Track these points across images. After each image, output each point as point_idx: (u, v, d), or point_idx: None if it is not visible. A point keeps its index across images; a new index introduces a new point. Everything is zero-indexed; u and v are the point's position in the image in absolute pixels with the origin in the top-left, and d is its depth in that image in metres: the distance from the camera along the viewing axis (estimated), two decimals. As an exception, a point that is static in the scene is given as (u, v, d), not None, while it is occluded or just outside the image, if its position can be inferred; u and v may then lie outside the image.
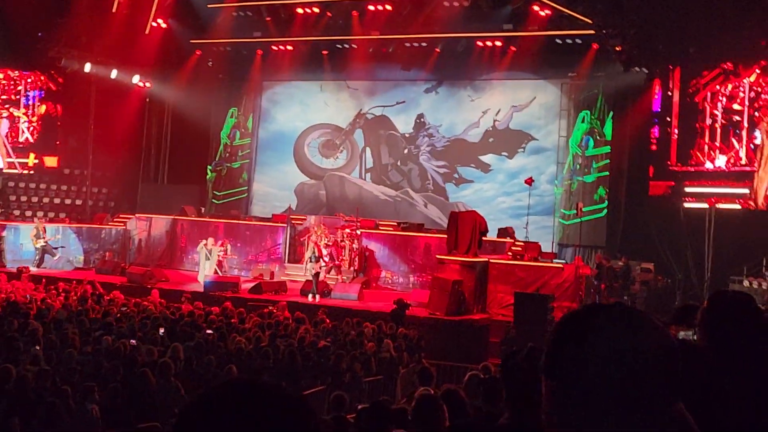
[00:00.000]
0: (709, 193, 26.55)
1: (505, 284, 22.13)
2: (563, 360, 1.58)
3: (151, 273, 24.76)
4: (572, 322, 1.64)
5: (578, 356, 1.56)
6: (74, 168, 33.78)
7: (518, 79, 30.63)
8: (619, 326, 1.58)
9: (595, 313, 1.63)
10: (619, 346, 1.55)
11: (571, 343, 1.59)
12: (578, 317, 1.64)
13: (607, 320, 1.59)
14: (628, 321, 1.59)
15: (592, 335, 1.57)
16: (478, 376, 8.88)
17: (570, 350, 1.58)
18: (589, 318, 1.61)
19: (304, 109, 35.07)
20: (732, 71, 26.64)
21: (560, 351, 1.60)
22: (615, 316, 1.60)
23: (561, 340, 1.63)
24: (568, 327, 1.64)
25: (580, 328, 1.60)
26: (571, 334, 1.61)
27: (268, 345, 14.92)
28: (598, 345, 1.55)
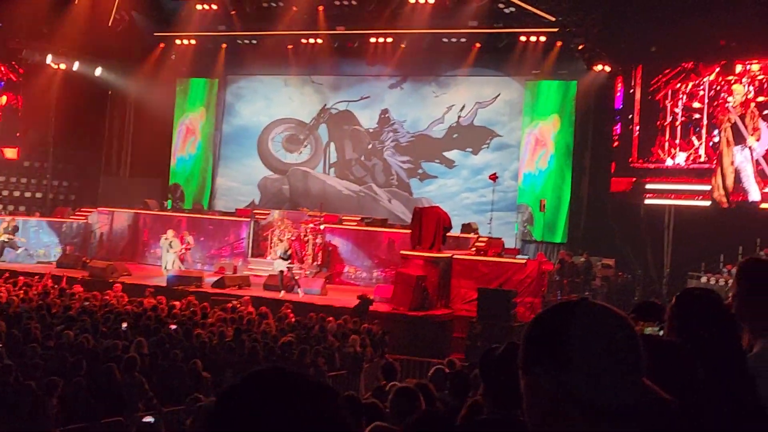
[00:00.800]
0: (669, 189, 26.92)
1: (468, 279, 22.25)
2: (554, 345, 1.67)
3: (113, 267, 24.57)
4: (554, 313, 1.74)
5: (568, 340, 1.66)
6: (35, 160, 33.39)
7: (483, 75, 30.75)
8: (597, 313, 1.69)
9: (568, 310, 1.72)
10: (601, 330, 1.66)
11: (559, 329, 1.68)
12: (558, 309, 1.74)
13: (584, 310, 1.70)
14: (600, 310, 1.71)
15: (576, 322, 1.67)
16: (444, 370, 8.97)
17: (559, 336, 1.67)
18: (568, 309, 1.71)
19: (268, 103, 34.97)
20: (692, 70, 27.01)
21: (549, 338, 1.69)
22: (588, 306, 1.71)
23: (537, 336, 1.72)
24: (544, 323, 1.73)
25: (564, 317, 1.69)
26: (556, 322, 1.70)
27: (233, 340, 14.91)
28: (584, 329, 1.66)
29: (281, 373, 1.57)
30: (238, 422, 1.50)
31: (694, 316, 2.81)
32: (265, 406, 1.49)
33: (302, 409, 1.50)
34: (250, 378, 1.55)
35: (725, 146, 25.98)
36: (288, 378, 1.55)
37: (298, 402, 1.51)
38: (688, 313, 2.85)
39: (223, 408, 1.52)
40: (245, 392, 1.53)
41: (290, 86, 34.56)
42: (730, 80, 26.33)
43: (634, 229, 27.09)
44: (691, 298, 2.96)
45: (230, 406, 1.52)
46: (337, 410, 1.55)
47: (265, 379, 1.55)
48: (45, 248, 29.03)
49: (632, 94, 27.97)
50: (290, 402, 1.50)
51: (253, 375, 1.56)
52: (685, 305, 2.90)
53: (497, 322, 19.16)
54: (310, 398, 1.53)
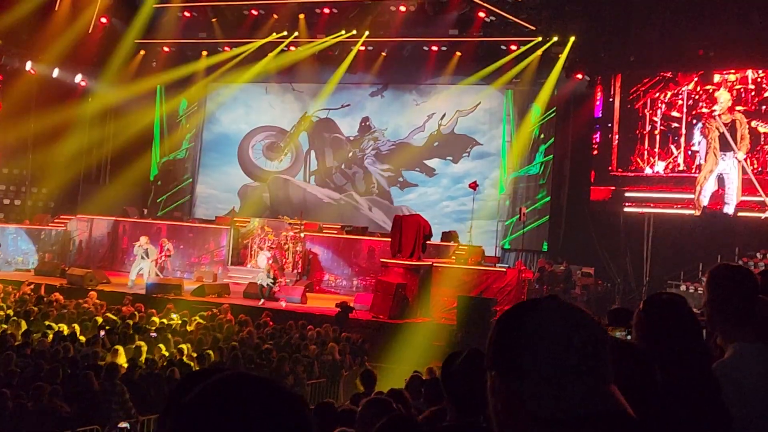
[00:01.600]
0: (648, 198, 27.06)
1: (448, 288, 22.24)
2: (507, 350, 1.65)
3: (91, 275, 24.42)
4: (513, 314, 1.72)
5: (519, 345, 1.63)
6: (13, 167, 33.16)
7: (463, 84, 30.81)
8: (557, 315, 1.66)
9: (533, 305, 1.70)
10: (558, 333, 1.63)
11: (514, 333, 1.66)
12: (519, 310, 1.72)
13: (545, 310, 1.67)
14: (562, 311, 1.67)
15: (532, 324, 1.64)
16: (420, 378, 8.96)
17: (513, 340, 1.65)
18: (528, 310, 1.69)
19: (249, 111, 34.93)
20: (671, 79, 27.21)
21: (504, 342, 1.67)
22: (552, 306, 1.68)
23: (504, 332, 1.70)
24: (510, 319, 1.71)
25: (521, 319, 1.67)
26: (513, 325, 1.68)
27: (211, 347, 14.85)
28: (540, 333, 1.63)
29: (245, 379, 1.52)
30: (200, 428, 1.47)
31: (661, 321, 2.82)
32: (229, 411, 1.45)
33: (265, 415, 1.46)
34: (213, 383, 1.52)
35: (713, 155, 26.10)
36: (251, 383, 1.52)
37: (261, 408, 1.47)
38: (654, 317, 2.86)
39: (185, 414, 1.49)
40: (208, 398, 1.50)
41: (271, 94, 34.54)
42: (708, 89, 26.52)
43: (613, 237, 27.21)
44: (658, 303, 2.97)
45: (192, 412, 1.48)
46: (302, 417, 1.52)
47: (228, 384, 1.51)
48: (23, 256, 28.85)
49: (611, 102, 28.12)
50: (253, 408, 1.46)
51: (217, 380, 1.53)
52: (652, 310, 2.91)
53: (477, 330, 19.17)
54: (274, 404, 1.48)
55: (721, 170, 26.03)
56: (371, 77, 32.20)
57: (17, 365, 12.21)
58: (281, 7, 30.15)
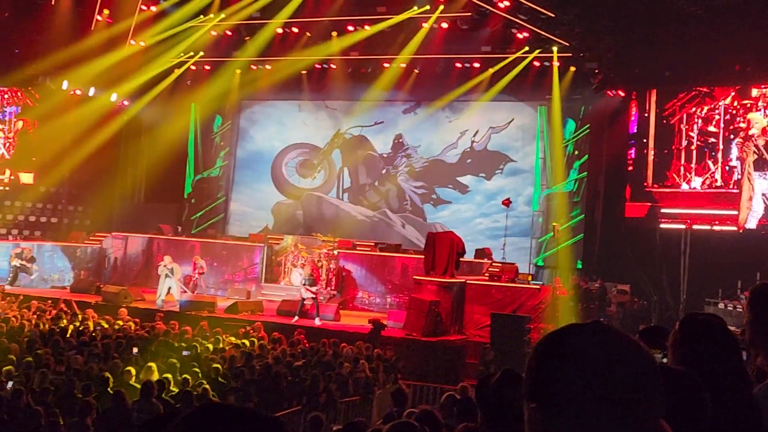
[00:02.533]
0: (684, 214, 26.74)
1: (481, 305, 22.10)
2: (545, 381, 1.55)
3: (126, 292, 24.53)
4: (552, 342, 1.61)
5: (559, 376, 1.54)
6: (50, 185, 33.52)
7: (496, 100, 30.67)
8: (599, 344, 1.55)
9: (574, 332, 1.60)
10: (600, 364, 1.53)
11: (552, 363, 1.56)
12: (558, 337, 1.62)
13: (586, 339, 1.57)
14: (607, 339, 1.56)
15: (572, 354, 1.55)
16: (454, 397, 8.86)
17: (551, 370, 1.55)
18: (568, 337, 1.59)
19: (282, 128, 35.06)
20: (707, 94, 26.94)
21: (541, 372, 1.58)
22: (594, 334, 1.58)
23: (541, 361, 1.60)
24: (548, 347, 1.61)
25: (561, 347, 1.57)
26: (551, 354, 1.58)
27: (244, 365, 14.84)
28: (579, 364, 1.53)
29: (220, 409, 1.50)
30: None
31: (698, 343, 2.72)
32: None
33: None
34: (194, 414, 1.48)
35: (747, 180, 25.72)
36: (232, 413, 1.48)
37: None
38: (691, 339, 2.75)
39: None
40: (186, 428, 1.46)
41: (304, 111, 34.65)
42: (745, 104, 26.21)
43: (649, 254, 26.88)
44: (695, 324, 2.86)
45: None
46: None
47: (209, 414, 1.48)
48: (59, 273, 29.12)
49: (647, 118, 27.88)
50: None
51: (198, 411, 1.49)
52: (689, 331, 2.81)
53: (511, 348, 19.02)
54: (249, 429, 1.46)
55: (764, 189, 25.61)
56: (404, 94, 32.18)
57: (52, 383, 12.27)
58: (314, 25, 30.25)
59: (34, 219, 33.25)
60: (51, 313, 20.78)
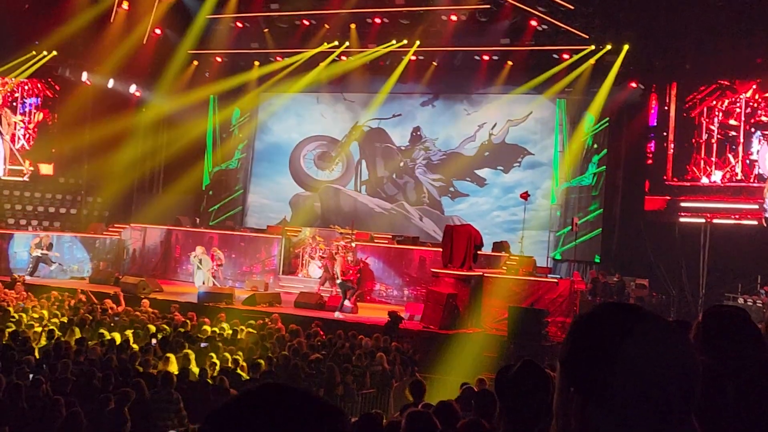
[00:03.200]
0: (705, 208, 26.58)
1: (499, 298, 22.05)
2: (591, 370, 1.52)
3: (144, 283, 24.65)
4: (606, 329, 1.56)
5: (609, 371, 1.50)
6: (69, 177, 33.69)
7: (514, 93, 30.57)
8: (658, 345, 1.52)
9: (632, 323, 1.55)
10: (655, 370, 1.49)
11: (603, 353, 1.52)
12: (613, 325, 1.56)
13: (645, 337, 1.53)
14: (666, 340, 1.53)
15: (627, 350, 1.51)
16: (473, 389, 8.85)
17: (600, 361, 1.52)
18: (626, 330, 1.54)
19: (300, 120, 35.07)
20: (728, 87, 26.74)
21: (588, 359, 1.54)
22: (654, 331, 1.54)
23: (591, 347, 1.55)
24: (601, 333, 1.56)
25: (615, 338, 1.53)
26: (603, 343, 1.53)
27: (261, 357, 14.87)
28: (633, 363, 1.49)
29: (280, 389, 1.50)
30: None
31: (722, 334, 2.69)
32: (260, 421, 1.42)
33: (298, 424, 1.43)
34: (245, 395, 1.48)
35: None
36: (284, 393, 1.47)
37: (294, 417, 1.43)
38: (715, 330, 2.73)
39: (217, 421, 1.45)
40: (240, 409, 1.45)
41: (322, 103, 34.65)
42: (767, 97, 26.02)
43: (668, 248, 26.73)
44: (719, 315, 2.84)
45: (224, 421, 1.44)
46: (336, 427, 1.46)
47: (261, 395, 1.48)
48: (78, 264, 29.28)
49: (667, 111, 27.72)
50: (286, 417, 1.43)
51: (248, 392, 1.49)
52: (713, 322, 2.78)
53: (529, 341, 18.99)
54: (307, 414, 1.45)
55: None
56: (422, 87, 32.13)
57: (72, 373, 12.33)
58: (332, 17, 30.21)
59: (53, 210, 33.42)
60: (70, 303, 20.90)
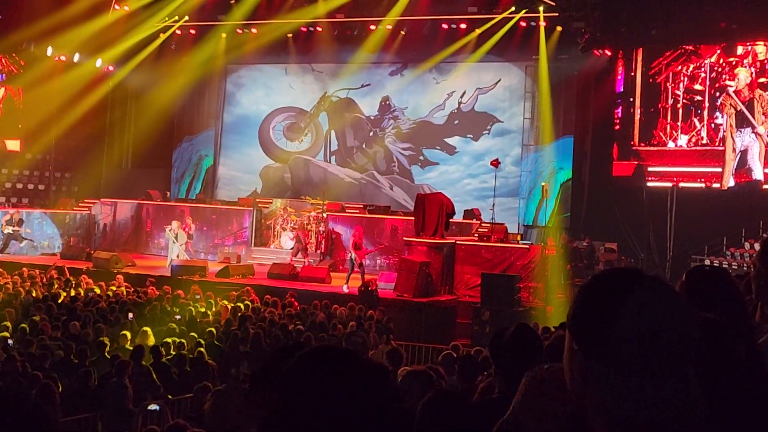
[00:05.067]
0: (671, 172, 26.92)
1: (471, 265, 22.28)
2: (593, 328, 1.59)
3: (117, 258, 24.58)
4: (609, 288, 1.63)
5: (609, 329, 1.57)
6: (37, 152, 33.36)
7: (483, 61, 30.62)
8: (659, 305, 1.58)
9: (633, 282, 1.61)
10: (659, 325, 1.56)
11: (604, 311, 1.59)
12: (615, 284, 1.63)
13: (646, 295, 1.59)
14: (666, 299, 1.59)
15: (628, 308, 1.57)
16: (452, 355, 9.01)
17: (601, 319, 1.58)
18: (627, 289, 1.60)
19: (269, 92, 34.93)
20: (693, 52, 26.99)
21: (591, 317, 1.61)
22: (655, 291, 1.60)
23: (594, 306, 1.62)
24: (603, 291, 1.62)
25: (617, 297, 1.59)
26: (606, 302, 1.60)
27: (238, 328, 14.96)
28: (634, 320, 1.56)
29: (333, 352, 1.66)
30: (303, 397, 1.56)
31: (706, 294, 2.79)
32: (325, 381, 1.57)
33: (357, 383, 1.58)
34: (308, 355, 1.64)
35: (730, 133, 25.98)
36: (340, 355, 1.63)
37: (351, 378, 1.59)
38: (698, 290, 2.83)
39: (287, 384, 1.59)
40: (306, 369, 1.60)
41: (291, 75, 34.52)
42: (731, 62, 26.31)
43: (636, 212, 27.06)
44: (702, 275, 2.95)
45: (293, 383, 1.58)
46: (387, 385, 1.62)
47: (322, 356, 1.64)
48: (49, 240, 29.11)
49: (633, 77, 27.92)
50: (345, 378, 1.58)
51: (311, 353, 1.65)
52: (697, 282, 2.89)
53: (502, 307, 19.22)
54: (362, 374, 1.61)
55: (742, 146, 25.88)
56: (391, 56, 32.10)
57: (48, 348, 12.34)
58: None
59: (21, 186, 33.14)
60: (43, 279, 20.84)
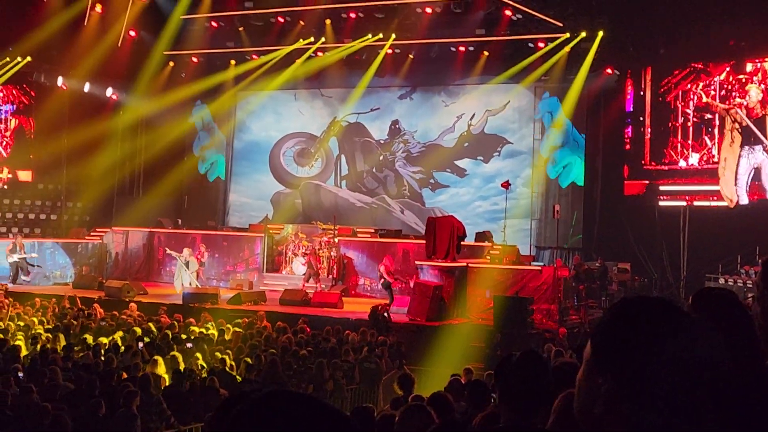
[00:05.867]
0: (683, 191, 26.80)
1: (484, 288, 22.17)
2: (631, 361, 1.55)
3: (128, 286, 24.55)
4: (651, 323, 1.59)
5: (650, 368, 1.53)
6: (48, 182, 33.50)
7: (492, 83, 30.64)
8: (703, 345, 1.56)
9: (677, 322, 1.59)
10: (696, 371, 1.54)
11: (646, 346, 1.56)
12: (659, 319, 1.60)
13: (690, 335, 1.57)
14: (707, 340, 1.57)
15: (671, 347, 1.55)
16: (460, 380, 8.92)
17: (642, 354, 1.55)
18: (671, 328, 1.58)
19: (279, 118, 35.03)
20: (702, 70, 26.94)
21: (630, 348, 1.57)
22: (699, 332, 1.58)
23: (634, 338, 1.58)
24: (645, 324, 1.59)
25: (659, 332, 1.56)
26: (647, 336, 1.57)
27: (249, 355, 14.88)
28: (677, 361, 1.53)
29: (287, 397, 1.53)
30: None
31: (712, 316, 2.73)
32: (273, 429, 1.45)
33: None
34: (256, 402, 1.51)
35: (729, 145, 25.90)
36: (294, 401, 1.50)
37: (305, 425, 1.47)
38: (705, 312, 2.77)
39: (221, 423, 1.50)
40: (252, 417, 1.48)
41: (300, 100, 34.62)
42: (741, 79, 26.23)
43: (649, 232, 26.94)
44: (709, 298, 2.88)
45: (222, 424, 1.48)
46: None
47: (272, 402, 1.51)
48: (61, 269, 29.13)
49: (642, 96, 27.90)
50: (298, 425, 1.46)
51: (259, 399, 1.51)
52: (703, 305, 2.83)
53: (515, 329, 19.09)
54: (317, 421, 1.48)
55: (755, 163, 25.75)
56: (399, 80, 32.16)
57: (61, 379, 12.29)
58: (307, 13, 30.14)
59: (33, 216, 33.23)
60: (55, 309, 20.82)
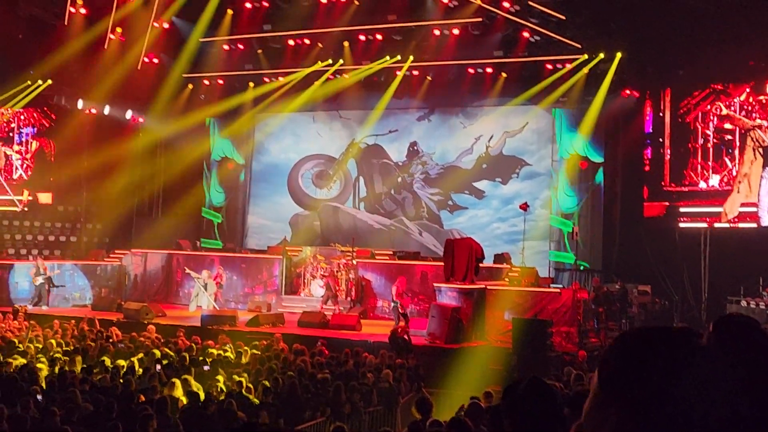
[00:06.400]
0: (703, 212, 26.62)
1: (502, 310, 22.07)
2: (642, 396, 1.51)
3: (147, 308, 24.60)
4: (653, 357, 1.56)
5: (661, 397, 1.50)
6: (68, 204, 33.70)
7: (510, 105, 30.63)
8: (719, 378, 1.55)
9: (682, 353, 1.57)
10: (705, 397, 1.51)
11: (665, 378, 1.52)
12: (661, 354, 1.57)
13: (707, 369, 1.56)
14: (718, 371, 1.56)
15: (688, 382, 1.52)
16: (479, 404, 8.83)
17: (657, 384, 1.51)
18: (691, 362, 1.57)
19: (297, 140, 35.12)
20: (722, 91, 26.84)
21: (645, 378, 1.53)
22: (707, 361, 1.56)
23: (643, 376, 1.54)
24: (650, 362, 1.55)
25: (677, 364, 1.54)
26: (655, 373, 1.53)
27: (266, 378, 14.83)
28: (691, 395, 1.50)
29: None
30: None
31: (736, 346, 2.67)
32: None
33: None
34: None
35: (750, 162, 25.76)
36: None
37: None
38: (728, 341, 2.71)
39: None
40: None
41: (318, 122, 34.71)
42: (761, 100, 26.10)
43: (669, 254, 26.74)
44: (731, 326, 2.82)
45: None
46: None
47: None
48: (80, 291, 29.26)
49: (662, 117, 27.80)
50: None
51: None
52: (725, 333, 2.77)
53: (534, 352, 18.95)
54: None
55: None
56: (417, 102, 32.21)
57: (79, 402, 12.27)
58: (325, 35, 30.25)
59: (53, 239, 33.43)
60: (74, 331, 20.86)
